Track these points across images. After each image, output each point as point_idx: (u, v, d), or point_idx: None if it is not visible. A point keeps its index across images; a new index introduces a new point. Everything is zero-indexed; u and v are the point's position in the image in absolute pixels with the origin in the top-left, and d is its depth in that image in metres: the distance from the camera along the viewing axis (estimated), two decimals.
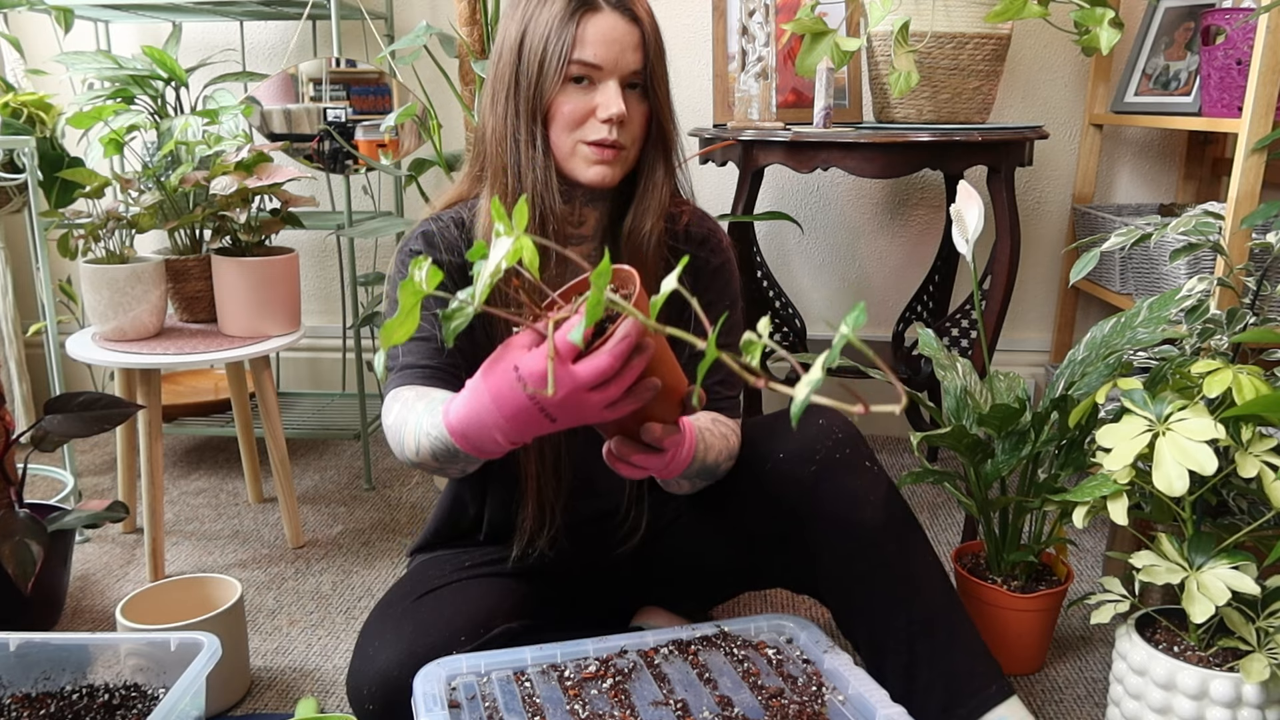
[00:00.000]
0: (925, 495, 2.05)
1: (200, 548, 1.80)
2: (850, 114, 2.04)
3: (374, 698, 1.05)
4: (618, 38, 1.04)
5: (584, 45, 1.03)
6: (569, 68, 1.03)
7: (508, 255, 0.74)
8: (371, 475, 2.10)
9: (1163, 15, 2.01)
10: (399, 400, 1.03)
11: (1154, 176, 2.23)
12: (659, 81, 1.09)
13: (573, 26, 1.03)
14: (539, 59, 1.04)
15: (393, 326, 0.76)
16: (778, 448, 1.12)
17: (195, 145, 1.73)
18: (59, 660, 1.18)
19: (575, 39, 1.03)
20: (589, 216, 1.16)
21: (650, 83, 1.08)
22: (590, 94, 1.05)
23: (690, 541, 1.25)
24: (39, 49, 2.35)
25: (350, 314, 2.27)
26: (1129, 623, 1.19)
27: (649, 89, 1.08)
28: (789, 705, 1.02)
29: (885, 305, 2.36)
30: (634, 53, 1.05)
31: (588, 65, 1.04)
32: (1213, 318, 1.33)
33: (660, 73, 1.09)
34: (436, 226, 1.14)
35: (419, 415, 0.97)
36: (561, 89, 1.05)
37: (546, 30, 1.03)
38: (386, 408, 1.06)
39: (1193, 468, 1.03)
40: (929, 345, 1.45)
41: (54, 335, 1.76)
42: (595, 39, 1.03)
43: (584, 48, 1.03)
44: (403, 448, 0.99)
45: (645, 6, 1.08)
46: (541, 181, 1.07)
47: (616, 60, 1.04)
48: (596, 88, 1.05)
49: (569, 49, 1.03)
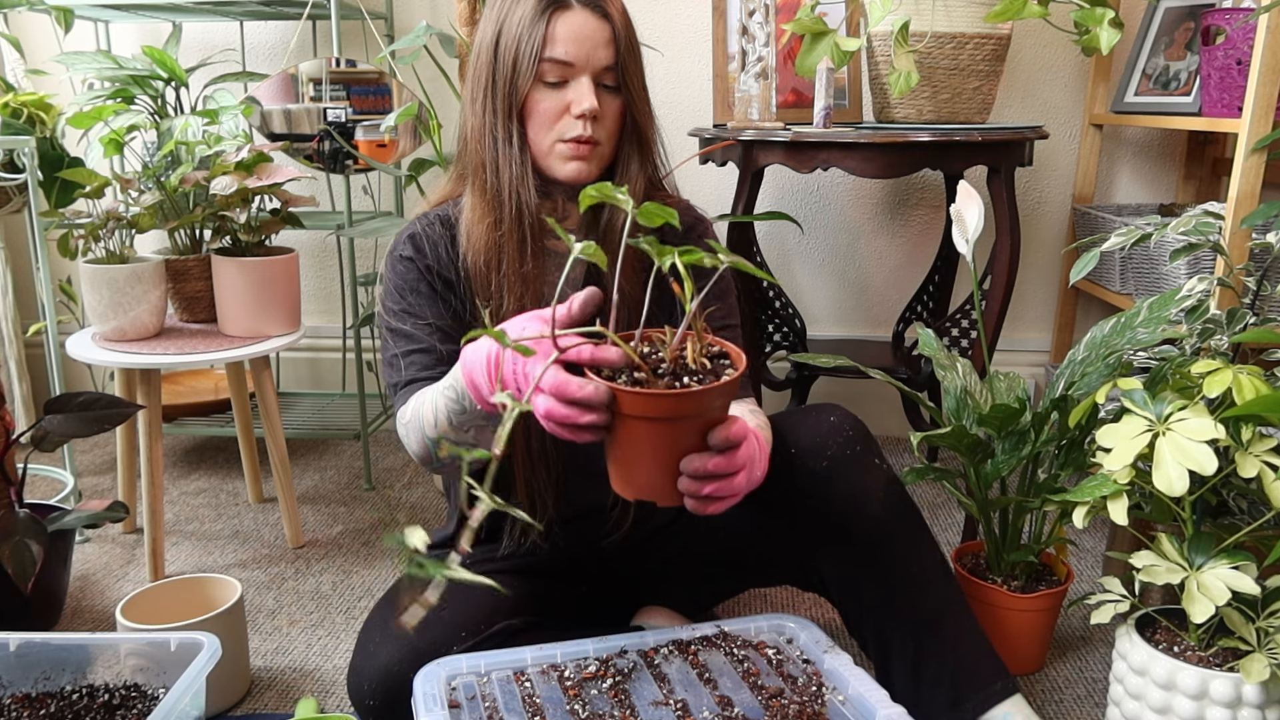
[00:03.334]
0: (925, 495, 2.05)
1: (200, 548, 1.80)
2: (850, 114, 2.04)
3: (375, 694, 1.06)
4: (588, 34, 1.06)
5: (554, 43, 1.05)
6: (541, 65, 1.06)
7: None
8: (371, 475, 2.10)
9: (1163, 15, 2.01)
10: (413, 398, 1.07)
11: (1154, 176, 2.23)
12: (632, 77, 1.10)
13: (543, 25, 1.05)
14: (512, 57, 1.07)
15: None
16: (790, 442, 1.14)
17: (195, 145, 1.73)
18: (59, 660, 1.18)
19: (546, 37, 1.05)
20: (572, 211, 1.17)
21: (623, 78, 1.10)
22: (564, 91, 1.07)
23: (696, 537, 1.26)
24: (39, 49, 2.35)
25: (350, 314, 2.27)
26: (1129, 623, 1.19)
27: (622, 84, 1.10)
28: (789, 705, 1.02)
29: (885, 305, 2.36)
30: (605, 49, 1.07)
31: (559, 62, 1.06)
32: (1213, 318, 1.33)
33: (633, 68, 1.11)
34: (422, 226, 1.16)
35: (434, 391, 1.01)
36: (536, 88, 1.07)
37: (519, 29, 1.06)
38: (399, 416, 1.09)
39: (1193, 468, 1.03)
40: (929, 345, 1.45)
41: (54, 335, 1.76)
42: (565, 36, 1.05)
43: (554, 45, 1.05)
44: (423, 427, 1.02)
45: (617, 3, 1.09)
46: (518, 177, 1.09)
47: (588, 57, 1.06)
48: (569, 85, 1.07)
49: (540, 47, 1.05)
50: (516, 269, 1.11)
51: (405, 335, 1.12)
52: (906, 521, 1.14)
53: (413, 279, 1.14)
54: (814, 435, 1.13)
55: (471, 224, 1.12)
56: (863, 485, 1.12)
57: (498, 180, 1.10)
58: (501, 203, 1.10)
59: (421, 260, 1.14)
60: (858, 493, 1.11)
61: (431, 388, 1.02)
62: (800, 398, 2.13)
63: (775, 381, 2.12)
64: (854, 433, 1.14)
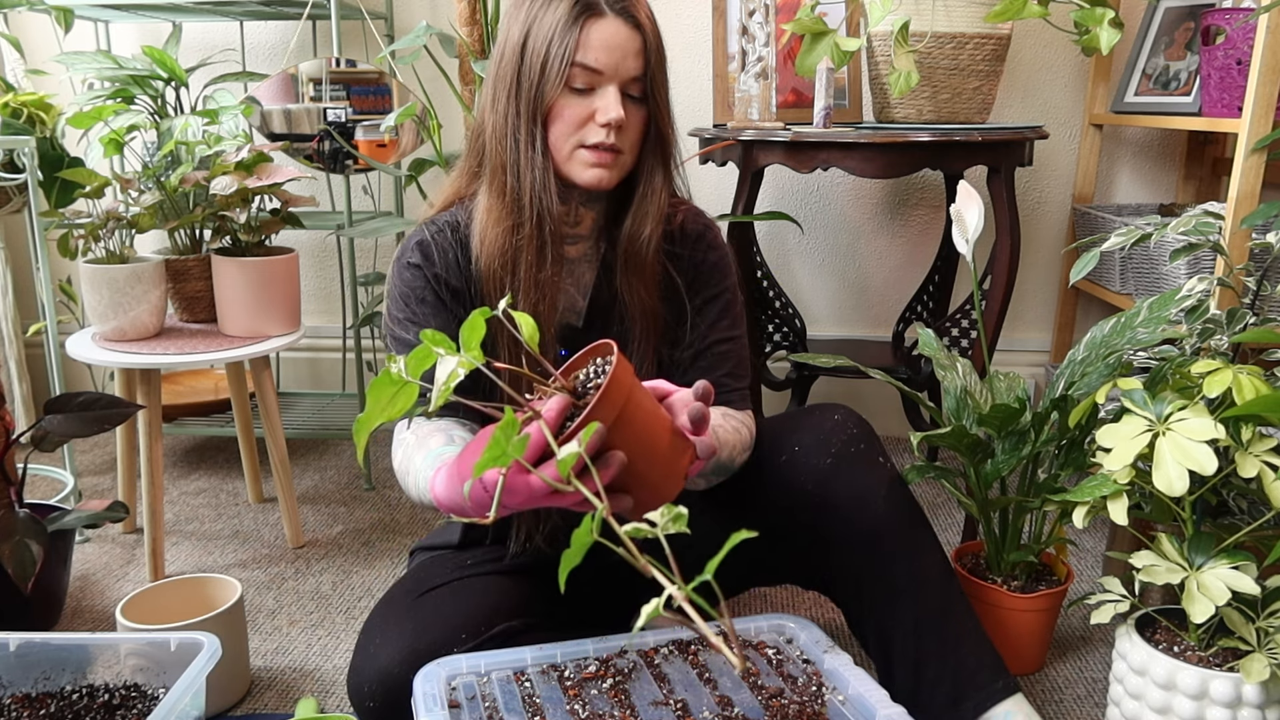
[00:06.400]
0: (925, 495, 2.05)
1: (200, 548, 1.80)
2: (850, 114, 2.04)
3: (375, 695, 1.05)
4: (619, 43, 1.05)
5: (586, 49, 1.04)
6: (570, 71, 1.05)
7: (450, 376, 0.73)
8: (371, 475, 2.10)
9: (1163, 15, 2.01)
10: (402, 445, 1.06)
11: (1154, 176, 2.23)
12: (659, 88, 1.10)
13: (576, 31, 1.04)
14: (541, 61, 1.05)
15: (377, 412, 0.75)
16: (794, 440, 1.14)
17: (195, 145, 1.73)
18: (59, 660, 1.18)
19: (578, 43, 1.04)
20: (585, 217, 1.17)
21: (650, 89, 1.09)
22: (590, 98, 1.06)
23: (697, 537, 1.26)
24: (39, 49, 2.35)
25: (350, 314, 2.27)
26: (1129, 623, 1.19)
27: (649, 95, 1.09)
28: (789, 705, 1.02)
29: (885, 305, 2.36)
30: (635, 59, 1.06)
31: (589, 69, 1.05)
32: (1213, 318, 1.33)
33: (660, 79, 1.10)
34: (431, 233, 1.14)
35: (418, 469, 0.99)
36: (562, 93, 1.06)
37: (550, 33, 1.05)
38: (394, 450, 1.09)
39: (1193, 468, 1.03)
40: (929, 345, 1.45)
41: (54, 335, 1.76)
42: (598, 44, 1.04)
43: (586, 52, 1.04)
44: (408, 492, 1.04)
45: (647, 12, 1.09)
46: (540, 182, 1.08)
47: (617, 65, 1.05)
48: (596, 92, 1.06)
49: (571, 52, 1.04)
50: (534, 274, 1.10)
51: (410, 345, 1.12)
52: (909, 520, 1.14)
53: (419, 287, 1.13)
54: (818, 433, 1.14)
55: (487, 226, 1.11)
56: (866, 483, 1.12)
57: (518, 183, 1.08)
58: (521, 206, 1.09)
59: (430, 269, 1.13)
60: (861, 490, 1.12)
61: (415, 464, 1.00)
62: (800, 398, 2.13)
63: (775, 381, 2.12)
64: (858, 431, 1.15)
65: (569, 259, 1.17)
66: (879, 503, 1.12)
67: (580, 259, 1.19)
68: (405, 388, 0.76)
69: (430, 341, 0.74)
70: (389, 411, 0.76)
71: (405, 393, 0.76)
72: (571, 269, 1.18)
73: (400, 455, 1.05)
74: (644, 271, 1.14)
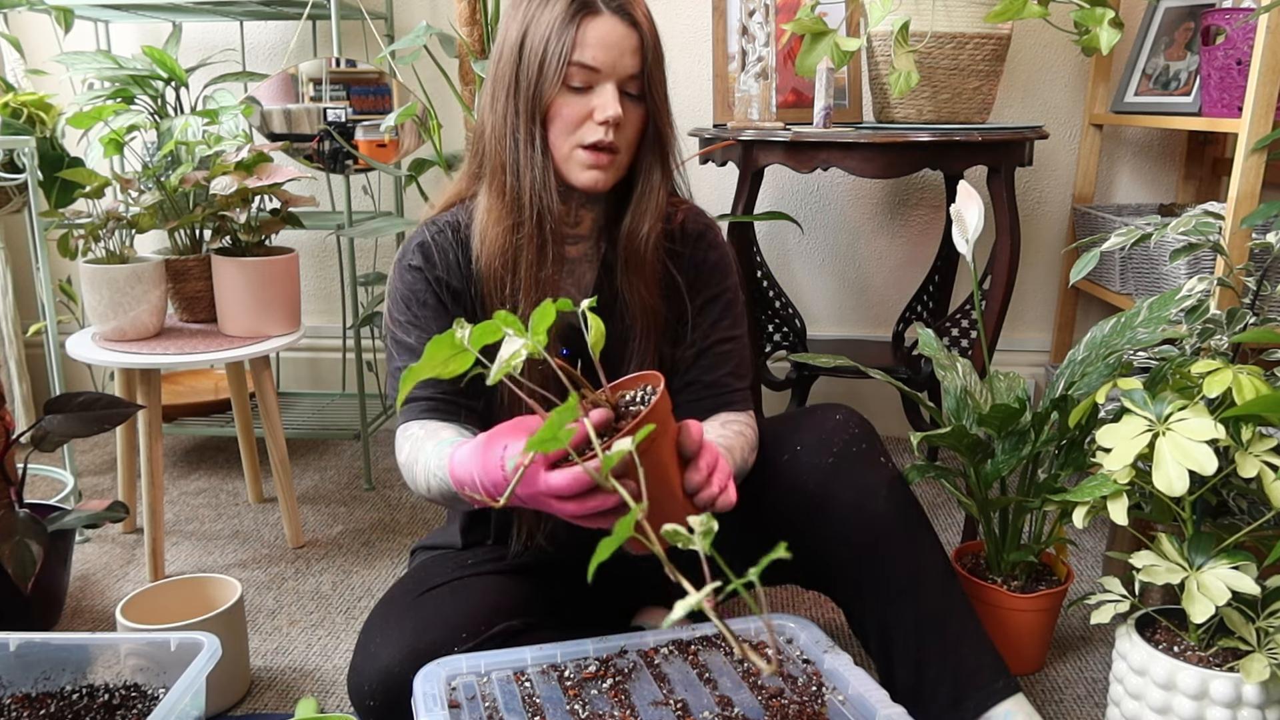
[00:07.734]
0: (925, 495, 2.05)
1: (200, 548, 1.80)
2: (850, 114, 2.04)
3: (375, 694, 1.05)
4: (616, 41, 1.05)
5: (583, 47, 1.04)
6: (568, 69, 1.05)
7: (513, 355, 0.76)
8: (371, 475, 2.10)
9: (1163, 15, 2.01)
10: (409, 439, 1.08)
11: (1154, 176, 2.23)
12: (656, 85, 1.10)
13: (573, 29, 1.04)
14: (539, 60, 1.06)
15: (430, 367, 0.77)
16: (796, 440, 1.14)
17: (195, 145, 1.73)
18: (59, 660, 1.18)
19: (575, 41, 1.04)
20: (585, 217, 1.17)
21: (648, 86, 1.09)
22: (588, 97, 1.07)
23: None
24: (39, 49, 2.35)
25: (350, 314, 2.27)
26: (1129, 623, 1.19)
27: (646, 92, 1.09)
28: (789, 705, 1.02)
29: (885, 305, 2.36)
30: (632, 56, 1.06)
31: (586, 68, 1.05)
32: (1213, 318, 1.33)
33: (658, 77, 1.10)
34: (431, 234, 1.15)
35: (428, 456, 1.02)
36: (560, 92, 1.06)
37: (547, 32, 1.05)
38: (398, 445, 1.11)
39: (1193, 468, 1.03)
40: (929, 345, 1.45)
41: (54, 335, 1.76)
42: (594, 42, 1.05)
43: (583, 50, 1.04)
44: (415, 485, 1.06)
45: (645, 11, 1.09)
46: (540, 181, 1.08)
47: (615, 63, 1.06)
48: (594, 90, 1.06)
49: (569, 51, 1.04)
50: (534, 273, 1.10)
51: (410, 349, 1.12)
52: (910, 520, 1.14)
53: (420, 290, 1.13)
54: (819, 433, 1.14)
55: (487, 226, 1.11)
56: (867, 483, 1.12)
57: (518, 183, 1.09)
58: (521, 206, 1.09)
59: (431, 271, 1.13)
60: (862, 490, 1.12)
61: (425, 453, 1.03)
62: (800, 398, 2.13)
63: (775, 381, 2.12)
64: (860, 431, 1.15)
65: (569, 259, 1.17)
66: (880, 502, 1.12)
67: (581, 259, 1.19)
68: (463, 354, 0.77)
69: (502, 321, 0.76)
70: (440, 370, 0.77)
71: (460, 359, 0.77)
72: (572, 269, 1.18)
73: (408, 447, 1.07)
74: (644, 270, 1.14)
